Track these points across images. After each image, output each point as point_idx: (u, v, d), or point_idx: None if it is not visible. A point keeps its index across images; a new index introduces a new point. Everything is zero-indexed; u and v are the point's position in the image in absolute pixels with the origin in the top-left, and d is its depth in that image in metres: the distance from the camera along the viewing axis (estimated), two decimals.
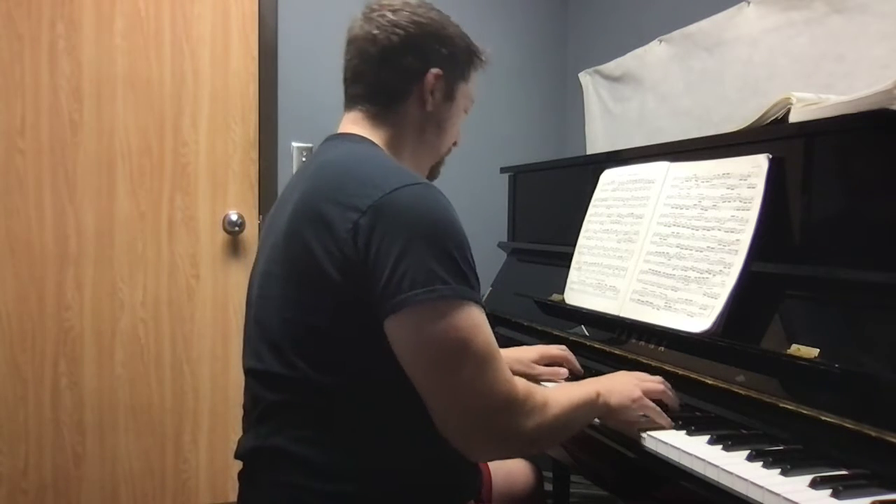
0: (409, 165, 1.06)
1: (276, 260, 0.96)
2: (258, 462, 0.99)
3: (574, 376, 1.33)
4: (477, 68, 1.13)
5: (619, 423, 1.03)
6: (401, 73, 1.04)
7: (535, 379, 1.31)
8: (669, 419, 1.03)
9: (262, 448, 0.96)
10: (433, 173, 1.18)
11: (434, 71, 1.05)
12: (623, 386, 1.03)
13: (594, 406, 0.98)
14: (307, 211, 0.92)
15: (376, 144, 1.04)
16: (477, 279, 0.89)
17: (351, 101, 1.08)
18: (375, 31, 1.03)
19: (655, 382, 1.07)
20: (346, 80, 1.09)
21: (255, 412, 0.98)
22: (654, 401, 1.04)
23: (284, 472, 0.93)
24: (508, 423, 0.86)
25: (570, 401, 0.95)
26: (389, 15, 1.03)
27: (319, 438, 0.91)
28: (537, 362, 1.34)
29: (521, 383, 0.89)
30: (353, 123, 1.07)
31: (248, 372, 1.01)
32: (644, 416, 1.02)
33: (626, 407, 1.01)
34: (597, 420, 1.07)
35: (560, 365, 1.35)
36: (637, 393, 1.02)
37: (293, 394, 0.93)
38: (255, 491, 0.99)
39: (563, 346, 1.38)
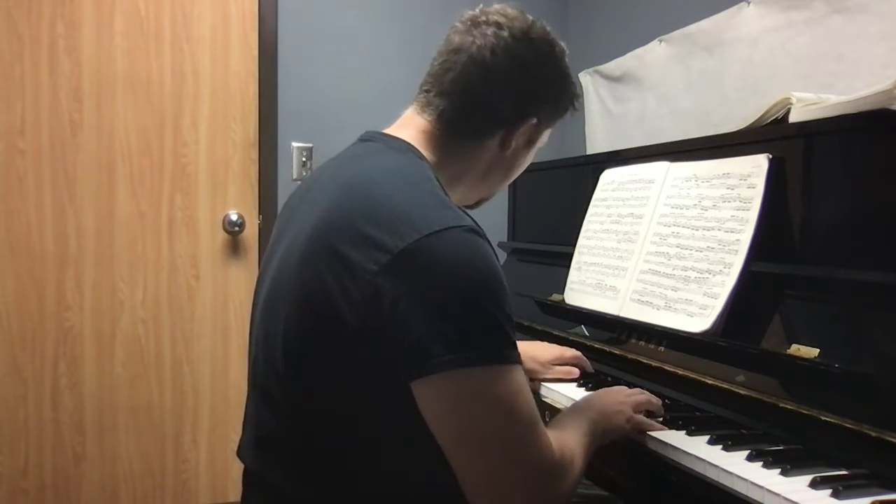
0: (457, 195, 0.99)
1: (287, 274, 0.87)
2: (256, 488, 0.95)
3: (586, 375, 1.33)
4: (566, 118, 1.04)
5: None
6: (495, 116, 0.94)
7: (546, 378, 1.31)
8: (662, 426, 1.02)
9: (259, 477, 0.92)
10: (478, 204, 1.09)
11: (531, 122, 0.96)
12: (613, 406, 1.00)
13: (595, 436, 0.94)
14: (329, 239, 0.81)
15: (426, 160, 0.92)
16: (514, 328, 0.81)
17: (424, 106, 0.95)
18: (489, 57, 0.90)
19: (639, 394, 1.06)
20: (430, 83, 0.95)
21: (257, 430, 0.92)
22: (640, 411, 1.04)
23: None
24: (550, 489, 0.80)
25: (582, 443, 0.89)
26: (510, 40, 0.91)
27: (315, 480, 0.85)
28: (553, 364, 1.33)
29: (554, 442, 0.81)
30: (413, 129, 0.95)
31: (253, 382, 0.96)
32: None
33: (621, 427, 0.99)
34: None
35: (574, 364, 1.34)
36: (629, 412, 1.00)
37: (292, 428, 0.87)
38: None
39: (577, 352, 1.36)
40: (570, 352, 1.36)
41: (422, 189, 0.84)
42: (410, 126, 0.95)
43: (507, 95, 0.93)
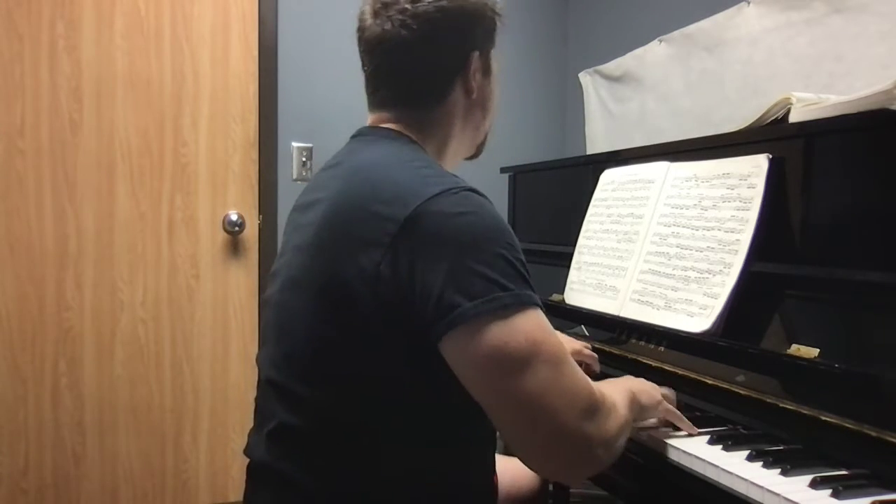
0: (452, 154, 1.03)
1: (300, 269, 0.89)
2: (266, 479, 0.94)
3: (592, 375, 1.32)
4: (498, 28, 1.02)
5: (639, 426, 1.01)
6: (441, 71, 0.96)
7: None
8: (691, 423, 1.01)
9: (270, 468, 0.91)
10: (479, 150, 1.10)
11: (474, 55, 0.97)
12: (645, 385, 1.01)
13: (633, 405, 0.92)
14: (339, 225, 0.85)
15: (414, 141, 0.95)
16: (527, 270, 0.83)
17: (380, 103, 0.99)
18: (404, 32, 0.92)
19: (671, 401, 1.05)
20: (372, 84, 0.99)
21: (268, 424, 0.92)
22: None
23: (289, 499, 0.89)
24: (596, 428, 0.78)
25: (623, 399, 0.89)
26: (411, 8, 0.92)
27: (329, 469, 0.86)
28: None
29: (592, 382, 0.82)
30: (387, 122, 0.98)
31: (263, 376, 0.96)
32: (664, 420, 1.01)
33: (654, 408, 0.99)
34: None
35: (580, 363, 1.33)
36: (658, 396, 1.01)
37: (307, 418, 0.87)
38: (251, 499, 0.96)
39: (595, 354, 1.35)
40: (587, 350, 1.34)
41: (418, 165, 0.88)
42: (380, 120, 0.99)
43: (439, 50, 0.95)
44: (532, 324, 0.78)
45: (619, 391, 0.90)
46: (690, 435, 1.00)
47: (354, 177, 0.89)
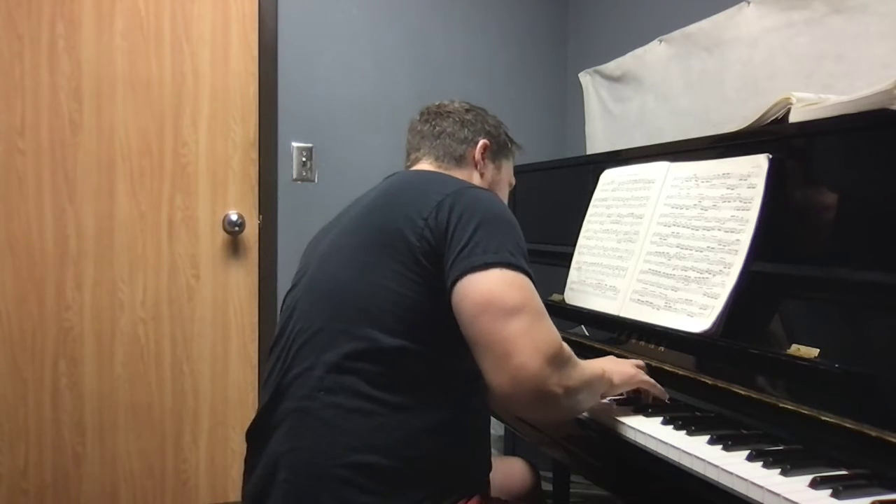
0: None
1: (347, 235, 1.09)
2: (289, 421, 1.01)
3: None
4: (513, 151, 1.38)
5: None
6: (458, 140, 1.27)
7: None
8: (665, 392, 1.12)
9: (295, 410, 1.00)
10: None
11: (482, 141, 1.29)
12: (621, 366, 1.11)
13: (602, 380, 1.04)
14: (391, 194, 1.09)
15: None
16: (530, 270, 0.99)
17: (415, 161, 1.28)
18: (435, 119, 1.29)
19: (648, 378, 1.14)
20: (411, 151, 1.31)
21: (285, 379, 1.03)
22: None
23: (308, 437, 0.96)
24: (557, 371, 0.91)
25: (590, 368, 1.01)
26: (446, 108, 1.31)
27: (354, 406, 0.96)
28: None
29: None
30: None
31: (287, 336, 1.07)
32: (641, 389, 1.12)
33: (627, 383, 1.10)
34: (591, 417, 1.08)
35: None
36: (633, 371, 1.11)
37: (336, 361, 0.99)
38: (272, 451, 1.01)
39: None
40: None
41: (452, 177, 1.15)
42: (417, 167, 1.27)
43: (458, 125, 1.29)
44: (527, 286, 0.95)
45: (591, 363, 1.05)
46: (665, 403, 1.11)
47: (401, 183, 1.13)
